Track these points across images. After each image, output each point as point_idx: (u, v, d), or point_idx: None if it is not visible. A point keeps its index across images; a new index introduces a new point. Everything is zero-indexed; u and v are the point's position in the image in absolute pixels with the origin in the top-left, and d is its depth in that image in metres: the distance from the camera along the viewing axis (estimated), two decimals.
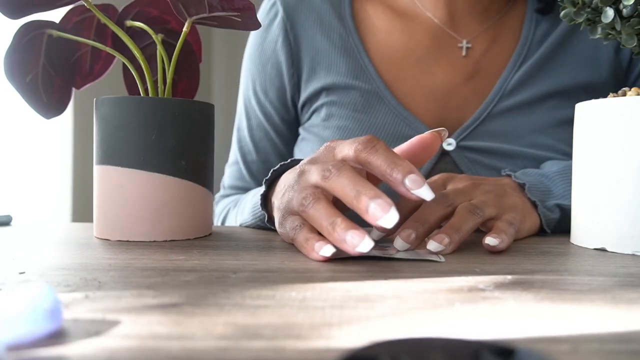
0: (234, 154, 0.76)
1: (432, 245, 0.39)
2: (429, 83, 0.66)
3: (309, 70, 0.69)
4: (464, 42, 0.67)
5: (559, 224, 0.51)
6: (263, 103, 0.73)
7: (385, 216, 0.33)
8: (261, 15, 0.74)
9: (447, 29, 0.68)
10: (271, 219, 0.50)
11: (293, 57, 0.70)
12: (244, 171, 0.74)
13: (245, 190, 0.74)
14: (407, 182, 0.35)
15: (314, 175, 0.38)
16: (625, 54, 0.66)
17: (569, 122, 0.63)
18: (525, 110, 0.63)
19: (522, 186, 0.49)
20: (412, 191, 0.35)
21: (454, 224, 0.41)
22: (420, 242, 0.41)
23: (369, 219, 0.34)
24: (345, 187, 0.36)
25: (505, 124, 0.63)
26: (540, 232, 0.50)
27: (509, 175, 0.51)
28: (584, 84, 0.65)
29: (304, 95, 0.70)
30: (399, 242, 0.40)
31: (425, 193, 0.35)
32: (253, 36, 0.74)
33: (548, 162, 0.59)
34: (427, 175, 0.45)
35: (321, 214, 0.36)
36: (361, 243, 0.34)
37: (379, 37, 0.68)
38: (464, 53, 0.67)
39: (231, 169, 0.76)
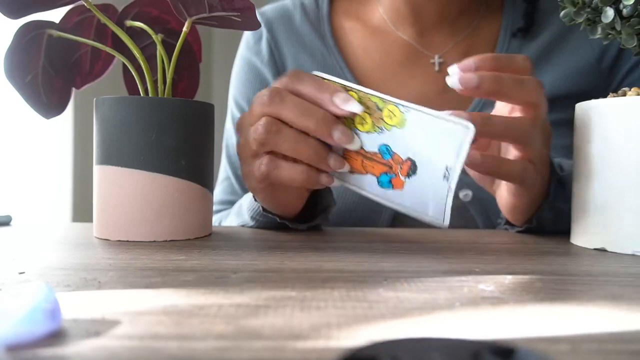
0: (223, 170, 0.76)
1: (452, 77, 0.42)
2: (404, 97, 0.66)
3: None
4: (436, 57, 0.68)
5: (551, 224, 0.49)
6: None
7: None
8: (247, 34, 0.77)
9: (418, 46, 0.69)
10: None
11: (279, 74, 0.71)
12: (236, 185, 0.74)
13: None
14: (337, 100, 0.39)
15: (250, 116, 0.42)
16: (606, 62, 0.66)
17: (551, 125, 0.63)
18: None
19: (552, 173, 0.47)
20: (342, 107, 0.39)
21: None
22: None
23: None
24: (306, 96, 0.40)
25: None
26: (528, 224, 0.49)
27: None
28: (564, 94, 0.64)
29: None
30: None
31: (355, 107, 0.39)
32: (240, 56, 0.77)
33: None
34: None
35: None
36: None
37: (357, 53, 0.70)
38: (436, 68, 0.68)
39: (222, 186, 0.76)
